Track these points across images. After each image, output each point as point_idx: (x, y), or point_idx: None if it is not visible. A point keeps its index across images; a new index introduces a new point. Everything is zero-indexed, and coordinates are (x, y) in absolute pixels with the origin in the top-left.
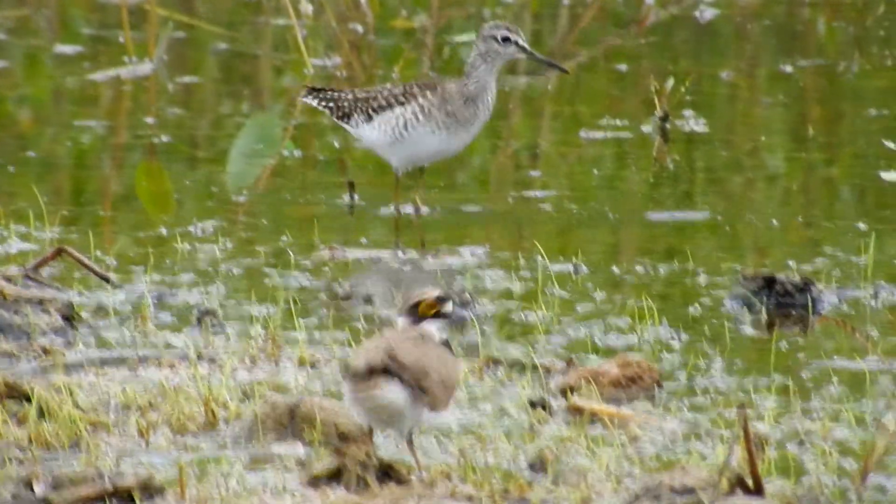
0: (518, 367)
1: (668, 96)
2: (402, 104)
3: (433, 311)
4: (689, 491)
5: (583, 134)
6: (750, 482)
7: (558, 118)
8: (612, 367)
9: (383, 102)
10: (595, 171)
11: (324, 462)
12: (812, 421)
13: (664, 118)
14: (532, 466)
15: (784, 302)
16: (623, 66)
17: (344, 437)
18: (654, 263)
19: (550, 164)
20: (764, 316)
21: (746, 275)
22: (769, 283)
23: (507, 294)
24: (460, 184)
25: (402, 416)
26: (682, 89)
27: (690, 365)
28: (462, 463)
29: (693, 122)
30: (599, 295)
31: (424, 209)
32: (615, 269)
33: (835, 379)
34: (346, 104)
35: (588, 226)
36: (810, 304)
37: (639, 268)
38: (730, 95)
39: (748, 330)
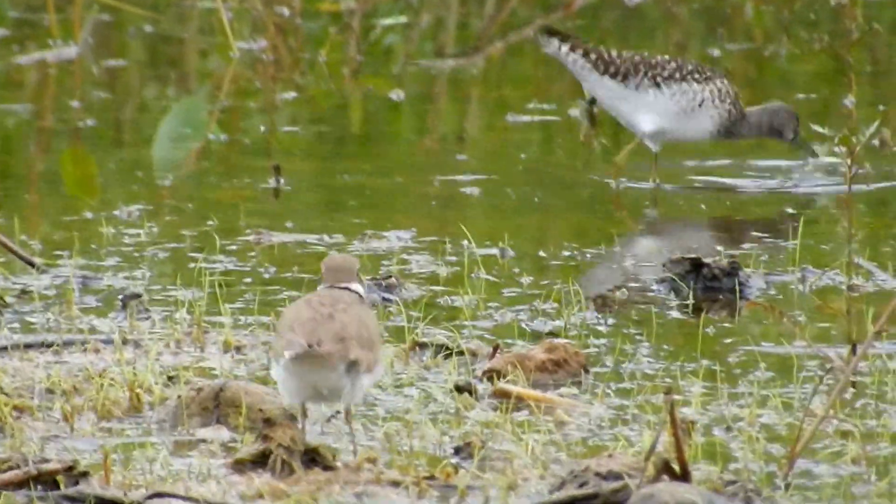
0: (444, 351)
1: None
2: (698, 82)
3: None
4: (615, 476)
5: (510, 118)
6: (677, 467)
7: (485, 102)
8: (538, 352)
9: (676, 75)
10: (522, 155)
11: (249, 447)
12: (739, 406)
13: (592, 102)
14: (458, 451)
15: (711, 286)
16: None
17: (269, 421)
18: (580, 247)
19: (477, 148)
20: (691, 300)
21: (674, 259)
22: (696, 267)
23: (434, 278)
24: (386, 167)
25: (343, 388)
26: None
27: (617, 350)
28: (388, 448)
29: None
30: (526, 279)
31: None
32: (542, 253)
33: (762, 364)
34: (618, 62)
35: (515, 210)
36: (737, 288)
37: (565, 252)
38: None
39: (675, 314)
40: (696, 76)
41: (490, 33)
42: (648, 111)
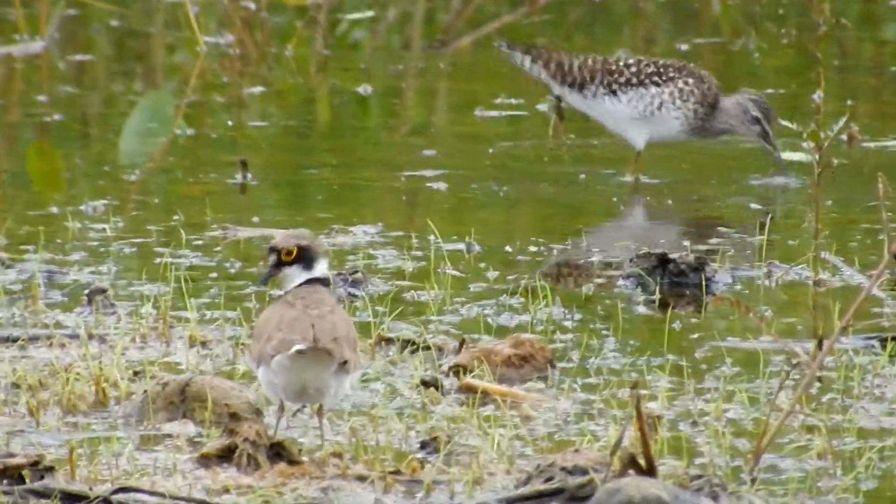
0: (410, 346)
1: None
2: (657, 85)
3: (291, 258)
4: (581, 471)
5: (478, 112)
6: (643, 462)
7: (453, 97)
8: (504, 347)
9: (634, 80)
10: (489, 150)
11: (215, 441)
12: (705, 401)
13: (559, 97)
14: (424, 446)
15: (678, 281)
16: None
17: (235, 416)
18: (547, 243)
19: (444, 143)
20: (658, 296)
21: (640, 254)
22: (663, 262)
23: (400, 273)
24: (353, 162)
25: (329, 388)
26: None
27: (583, 344)
28: (354, 443)
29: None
30: (492, 274)
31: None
32: (508, 248)
33: (728, 359)
34: (576, 72)
35: (482, 205)
36: (704, 283)
37: (532, 247)
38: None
39: (641, 309)
40: (657, 78)
41: (457, 28)
42: (609, 117)
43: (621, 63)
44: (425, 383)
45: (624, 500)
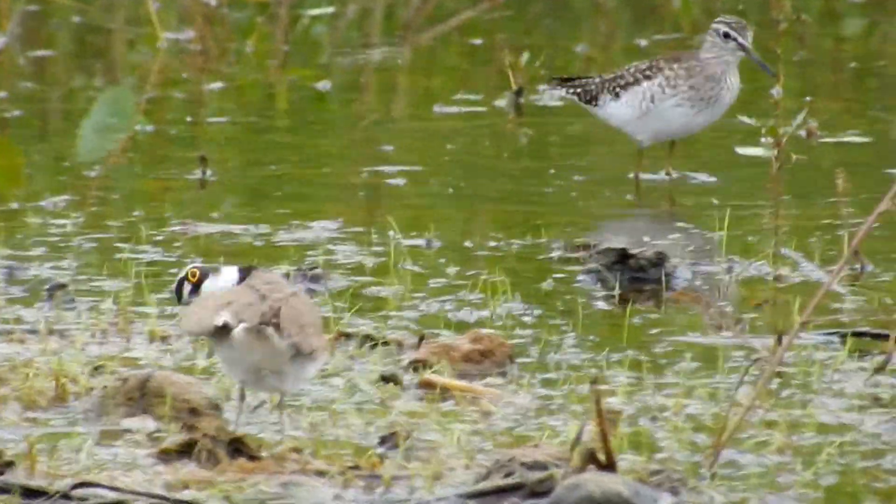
0: (370, 341)
1: (522, 70)
2: (648, 78)
3: (195, 279)
4: (541, 466)
5: (437, 108)
6: (602, 457)
7: (412, 92)
8: (464, 342)
9: (630, 79)
10: (448, 146)
11: (174, 437)
12: (665, 396)
13: (518, 92)
14: (384, 442)
15: (638, 277)
16: (477, 40)
17: (194, 411)
18: (507, 238)
19: (403, 139)
20: (617, 291)
21: (600, 249)
22: (623, 257)
23: (360, 268)
24: (313, 157)
25: (290, 369)
26: (537, 63)
27: (543, 340)
28: (313, 438)
29: (548, 97)
30: (452, 269)
31: (675, 174)
32: (468, 243)
33: (688, 354)
34: (593, 87)
35: (441, 200)
36: (664, 279)
37: (492, 242)
38: (585, 69)
39: (601, 305)
40: (648, 72)
41: (417, 24)
42: (617, 122)
43: (625, 68)
44: (385, 378)
45: (584, 495)
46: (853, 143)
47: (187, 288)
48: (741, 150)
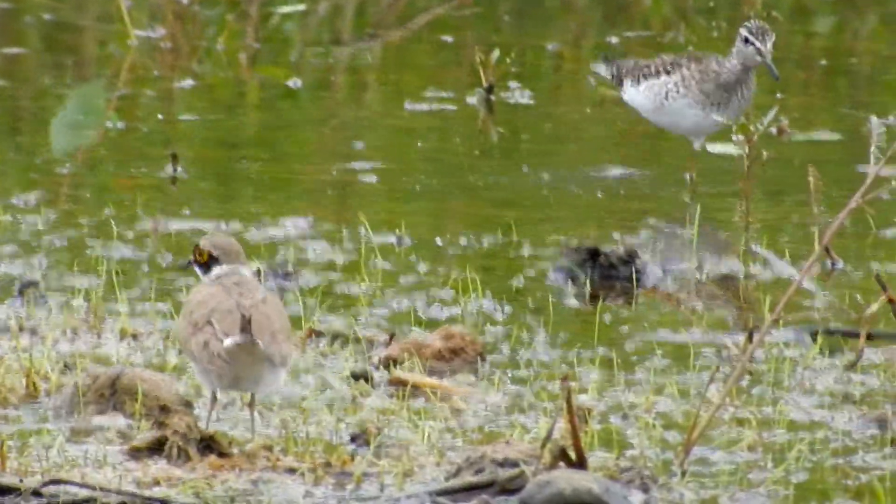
0: (341, 339)
1: (493, 68)
2: (668, 73)
3: (205, 259)
4: (512, 463)
5: (407, 105)
6: (573, 454)
7: (383, 89)
8: (435, 340)
9: (653, 70)
10: (419, 143)
11: (145, 434)
12: (636, 393)
13: (489, 90)
14: (354, 439)
15: (608, 274)
16: (448, 38)
17: (165, 408)
18: (477, 235)
19: (374, 136)
20: (588, 288)
21: (570, 247)
22: (593, 255)
23: (331, 266)
24: (284, 155)
25: (265, 379)
26: (508, 61)
27: (514, 337)
28: (284, 435)
29: (518, 94)
30: (423, 267)
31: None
32: (439, 241)
33: (659, 351)
34: (624, 70)
35: (412, 198)
36: (634, 276)
37: (462, 240)
38: (555, 67)
39: (572, 302)
40: (668, 68)
41: (388, 21)
42: (639, 110)
43: (657, 58)
44: (355, 376)
45: (554, 492)
46: (824, 141)
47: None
48: (712, 148)
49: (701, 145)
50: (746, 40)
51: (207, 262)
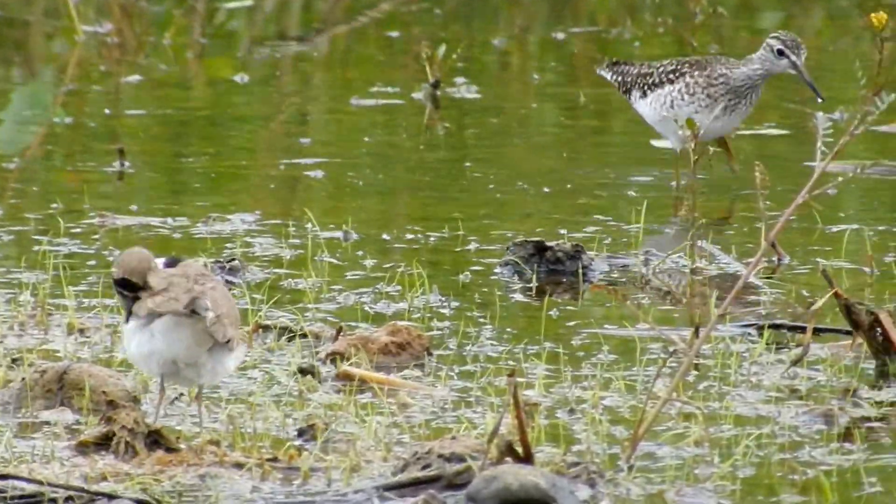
0: (288, 334)
1: (439, 63)
2: (671, 82)
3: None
4: (458, 458)
5: (354, 101)
6: (520, 450)
7: (329, 85)
8: (382, 335)
9: (656, 80)
10: (366, 138)
11: (93, 429)
12: (582, 388)
13: (435, 85)
14: (301, 434)
15: (555, 269)
16: (394, 33)
17: (113, 403)
18: (424, 230)
19: (321, 131)
20: (535, 283)
21: (517, 242)
22: (540, 250)
23: (277, 261)
24: (231, 150)
25: (205, 360)
26: (454, 56)
27: (461, 332)
28: (231, 430)
29: (465, 90)
30: (369, 262)
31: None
32: (385, 236)
33: (605, 346)
34: (629, 80)
35: (358, 193)
36: (581, 271)
37: (409, 235)
38: (501, 62)
39: (519, 297)
40: (672, 76)
41: (334, 16)
42: (647, 121)
43: (656, 65)
44: (303, 371)
45: (501, 487)
46: (770, 136)
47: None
48: (657, 143)
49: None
50: (780, 52)
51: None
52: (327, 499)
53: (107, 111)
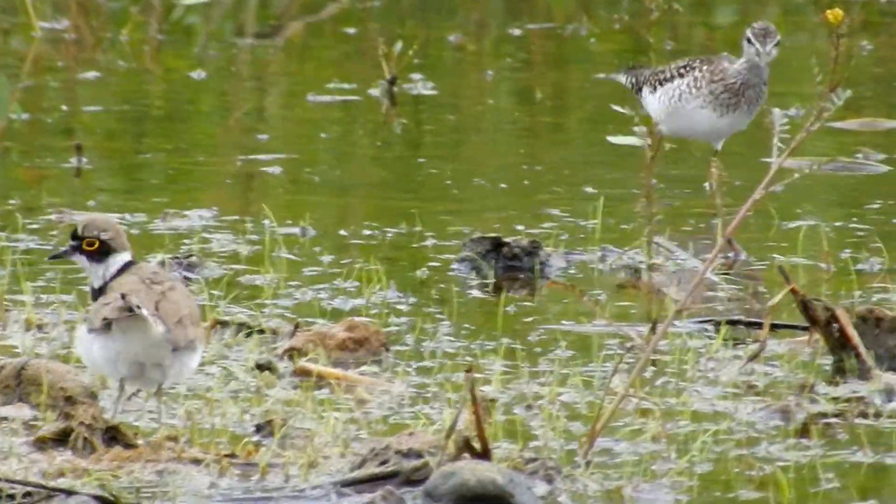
0: (245, 330)
1: (396, 59)
2: (681, 76)
3: (92, 248)
4: (416, 454)
5: (311, 97)
6: (477, 446)
7: (286, 81)
8: (339, 331)
9: (668, 75)
10: (323, 135)
11: (51, 425)
12: (540, 384)
13: (392, 81)
14: (259, 429)
15: (512, 265)
16: (351, 29)
17: (70, 399)
18: (381, 227)
19: (278, 128)
20: (492, 279)
21: (474, 238)
22: (497, 246)
23: (235, 257)
24: (188, 146)
25: (166, 356)
26: (411, 52)
27: (418, 328)
28: (189, 426)
29: (421, 86)
30: (327, 258)
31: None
32: (343, 232)
33: (562, 342)
34: (641, 77)
35: (316, 189)
36: (538, 267)
37: (366, 231)
38: (458, 59)
39: (476, 293)
40: (682, 70)
41: (290, 13)
42: (654, 116)
43: (675, 62)
44: (260, 367)
45: (459, 483)
46: None
47: (72, 244)
48: (614, 139)
49: (720, 146)
50: (749, 40)
51: (99, 251)
52: (285, 494)
53: (64, 107)
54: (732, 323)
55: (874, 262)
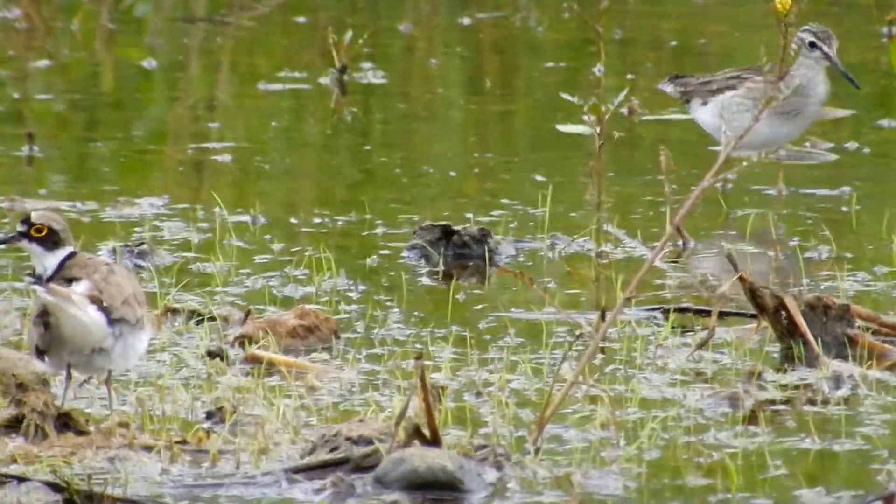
0: (196, 317)
1: (346, 48)
2: (732, 88)
3: (40, 235)
4: (366, 441)
5: (261, 86)
6: (427, 432)
7: (236, 70)
8: (289, 318)
9: (718, 87)
10: (273, 123)
11: (2, 411)
12: (489, 371)
13: (342, 70)
14: (210, 416)
15: (461, 253)
16: (301, 18)
17: (22, 386)
18: (331, 215)
19: (228, 116)
20: (441, 267)
21: (424, 226)
22: (447, 234)
23: (186, 245)
24: (138, 135)
25: (112, 350)
26: (361, 41)
27: (368, 315)
28: (140, 413)
29: (371, 75)
30: (277, 246)
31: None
32: (293, 220)
33: (512, 330)
34: (690, 88)
35: (266, 177)
36: (487, 255)
37: (316, 219)
38: (407, 48)
39: (426, 281)
40: (733, 83)
41: (241, 1)
42: (708, 129)
43: (719, 74)
44: (211, 354)
45: (409, 469)
46: (674, 121)
47: (21, 228)
48: (563, 128)
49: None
50: (812, 45)
51: (48, 239)
52: (236, 481)
53: (15, 96)
54: (681, 310)
55: (822, 249)
